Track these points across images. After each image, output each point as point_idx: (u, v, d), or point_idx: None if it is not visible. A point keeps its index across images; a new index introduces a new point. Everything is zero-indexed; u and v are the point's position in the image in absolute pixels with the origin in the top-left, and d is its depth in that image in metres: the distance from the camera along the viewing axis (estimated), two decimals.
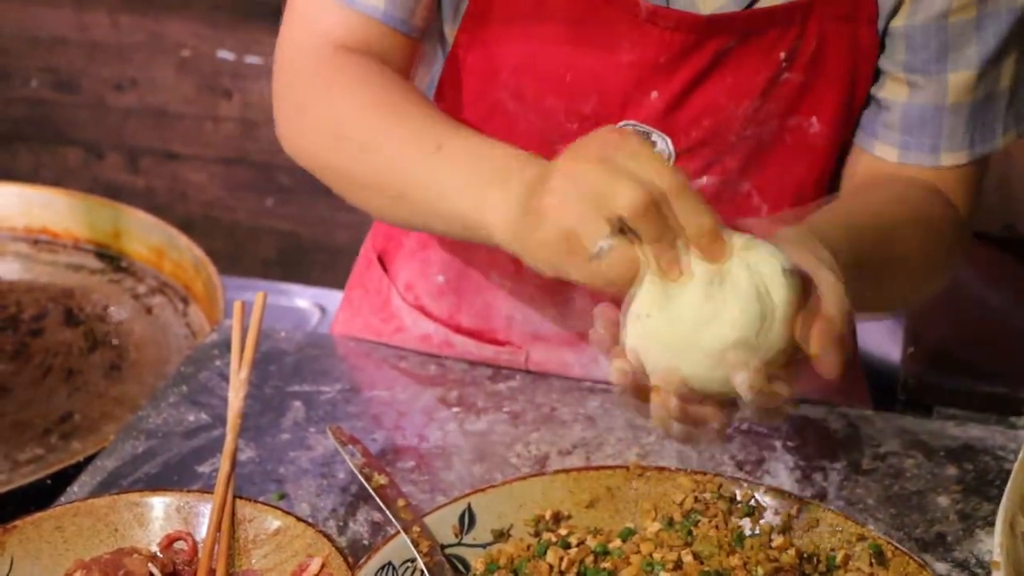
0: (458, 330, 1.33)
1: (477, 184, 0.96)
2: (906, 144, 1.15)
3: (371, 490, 0.95)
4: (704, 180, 1.16)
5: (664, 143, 1.13)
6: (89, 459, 1.20)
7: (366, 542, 1.05)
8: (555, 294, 1.27)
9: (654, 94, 1.13)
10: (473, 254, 1.28)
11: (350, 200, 1.14)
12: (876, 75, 1.16)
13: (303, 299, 2.19)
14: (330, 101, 1.11)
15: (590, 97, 1.12)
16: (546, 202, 0.88)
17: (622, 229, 0.84)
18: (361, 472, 0.97)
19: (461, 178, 0.98)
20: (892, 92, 1.15)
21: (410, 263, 1.35)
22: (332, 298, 2.19)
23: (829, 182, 1.21)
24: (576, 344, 1.30)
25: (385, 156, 1.06)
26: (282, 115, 1.17)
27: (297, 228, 3.00)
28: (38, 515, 0.98)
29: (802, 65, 1.12)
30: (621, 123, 1.11)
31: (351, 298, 1.45)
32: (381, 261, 1.39)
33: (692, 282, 0.83)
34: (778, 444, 1.20)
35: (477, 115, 1.18)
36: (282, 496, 1.11)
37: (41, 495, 1.20)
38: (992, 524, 1.07)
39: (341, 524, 1.08)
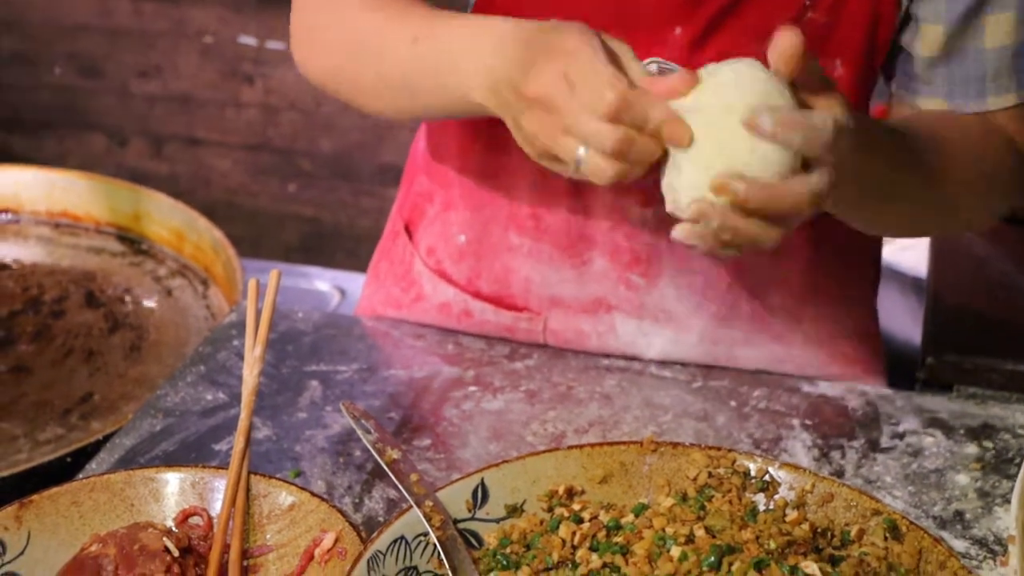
0: (477, 295, 1.33)
1: (473, 53, 1.02)
2: (951, 94, 1.15)
3: (384, 465, 0.95)
4: None
5: None
6: (108, 437, 1.21)
7: (381, 519, 1.05)
8: (573, 255, 1.27)
9: (678, 30, 1.13)
10: (493, 213, 1.28)
11: (362, 105, 1.19)
12: (904, 22, 1.16)
13: (323, 281, 2.19)
14: (340, 14, 1.16)
15: (614, 32, 1.12)
16: (526, 126, 0.95)
17: None
18: (374, 447, 0.97)
19: (460, 46, 1.04)
20: (930, 42, 1.15)
21: (432, 226, 1.35)
22: (352, 280, 2.19)
23: None
24: (594, 312, 1.30)
25: (390, 47, 1.11)
26: (298, 39, 1.22)
27: (319, 213, 3.01)
28: (55, 490, 0.98)
29: (825, 6, 1.13)
30: (647, 60, 1.11)
31: (376, 272, 1.45)
32: (407, 230, 1.39)
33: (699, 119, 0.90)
34: (796, 422, 1.20)
35: None
36: (298, 474, 1.11)
37: (61, 473, 1.21)
38: (1011, 502, 1.06)
39: (357, 501, 1.08)
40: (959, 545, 1.03)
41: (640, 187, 1.16)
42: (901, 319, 2.05)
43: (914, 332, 2.02)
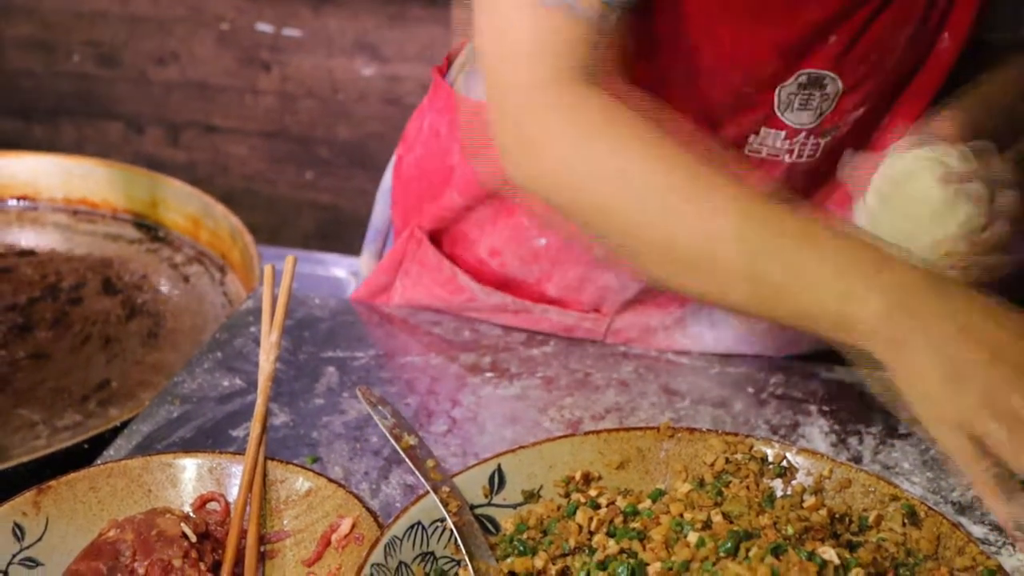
0: (541, 299, 1.30)
1: (846, 277, 0.87)
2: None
3: (400, 450, 0.95)
4: (860, 112, 1.16)
5: (835, 84, 1.12)
6: (125, 424, 1.21)
7: (398, 504, 1.05)
8: None
9: (832, 39, 1.10)
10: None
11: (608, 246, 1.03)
12: None
13: (340, 268, 2.19)
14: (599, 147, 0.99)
15: (770, 59, 1.10)
16: (971, 369, 0.83)
17: None
18: (391, 433, 0.97)
19: (826, 269, 0.88)
20: None
21: (495, 228, 1.29)
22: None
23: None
24: (666, 307, 1.28)
25: (703, 229, 0.93)
26: (509, 145, 1.04)
27: (337, 201, 3.00)
28: (72, 475, 0.98)
29: None
30: (797, 72, 1.10)
31: (407, 271, 1.38)
32: (434, 240, 1.36)
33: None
34: (813, 408, 1.19)
35: (649, 84, 1.06)
36: (315, 460, 1.11)
37: (79, 459, 1.22)
38: None
39: (374, 487, 1.08)
40: (978, 531, 1.02)
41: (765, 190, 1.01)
42: None
43: None
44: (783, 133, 1.15)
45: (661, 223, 0.94)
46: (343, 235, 3.02)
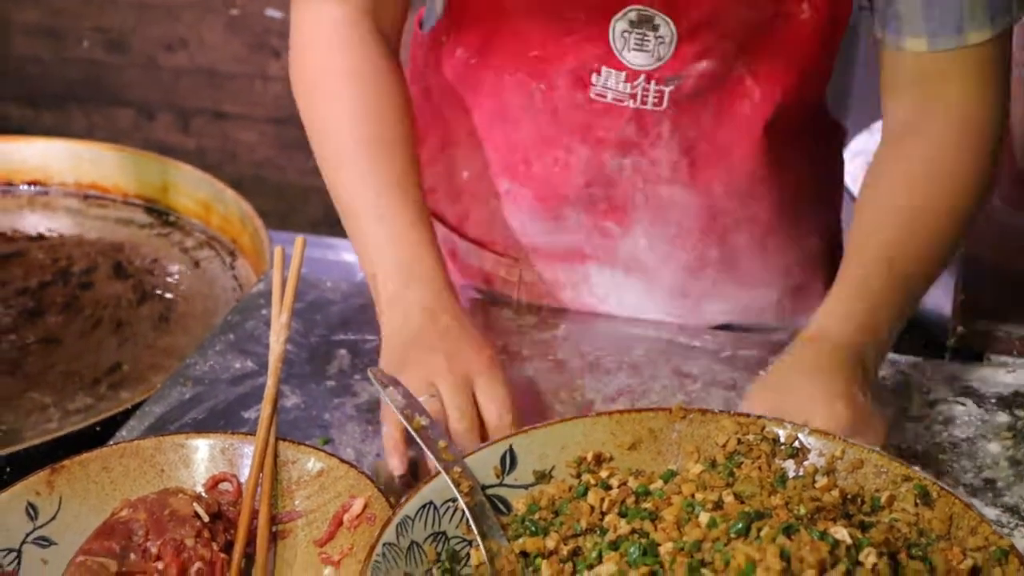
0: (464, 236, 1.37)
1: (387, 275, 1.14)
2: (932, 31, 1.15)
3: (412, 431, 0.95)
4: (703, 65, 1.18)
5: (668, 26, 1.15)
6: (137, 406, 1.21)
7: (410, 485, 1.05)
8: (549, 208, 1.29)
9: None
10: (492, 155, 1.31)
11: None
12: None
13: (349, 253, 2.18)
14: (327, 109, 1.22)
15: None
16: (409, 366, 1.06)
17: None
18: (402, 413, 0.97)
19: (378, 250, 1.16)
20: None
21: (435, 165, 1.36)
22: None
23: (821, 70, 1.25)
24: (569, 261, 1.33)
25: (344, 189, 1.21)
26: (291, 58, 1.27)
27: None
28: (85, 455, 0.99)
29: None
30: (625, 8, 1.15)
31: None
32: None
33: None
34: None
35: (479, 33, 1.24)
36: (327, 441, 1.11)
37: (91, 442, 1.22)
38: None
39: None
40: (990, 513, 1.02)
41: (618, 138, 1.22)
42: (932, 290, 2.04)
43: (943, 302, 2.01)
44: (623, 75, 1.19)
45: (332, 170, 1.22)
46: None
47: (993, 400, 1.17)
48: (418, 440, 0.94)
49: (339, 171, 1.20)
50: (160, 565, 0.92)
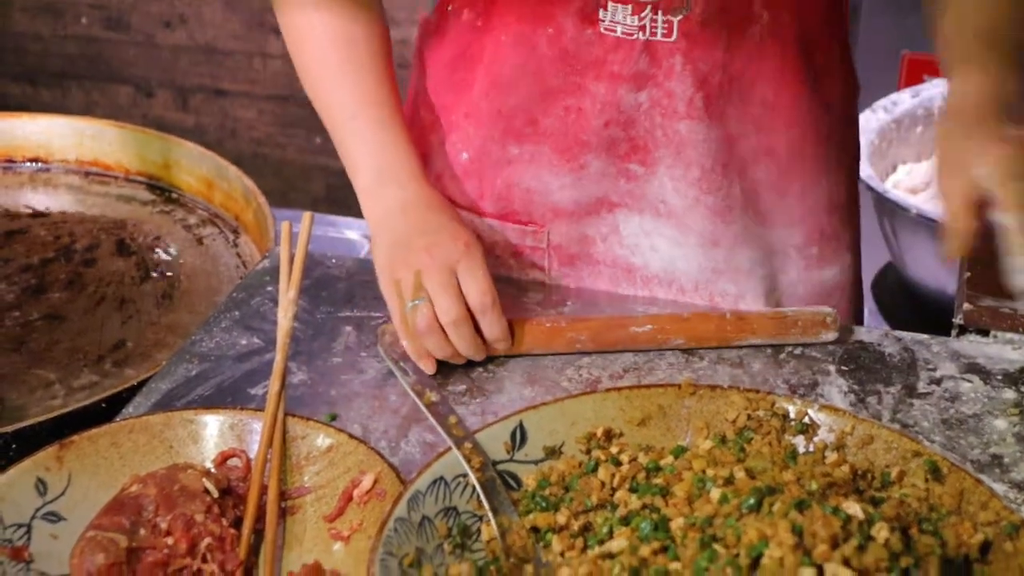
0: (482, 214, 1.36)
1: (366, 168, 1.26)
2: None
3: (422, 407, 0.95)
4: None
5: None
6: (143, 383, 1.21)
7: (418, 462, 1.05)
8: (570, 159, 1.29)
9: None
10: (491, 130, 1.31)
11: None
12: None
13: (352, 230, 2.19)
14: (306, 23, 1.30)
15: None
16: (397, 257, 1.18)
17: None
18: (413, 389, 0.97)
19: (359, 155, 1.27)
20: None
21: (439, 154, 1.37)
22: None
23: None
24: (596, 213, 1.32)
25: (321, 102, 1.31)
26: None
27: None
28: (94, 431, 0.99)
29: None
30: None
31: None
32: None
33: None
34: (832, 368, 1.19)
35: None
36: (334, 417, 1.11)
37: (97, 419, 1.22)
38: None
39: (393, 445, 1.08)
40: (998, 488, 1.02)
41: (632, 72, 1.23)
42: (933, 266, 2.04)
43: (947, 280, 2.01)
44: (629, 8, 1.20)
45: (316, 91, 1.32)
46: (352, 200, 3.01)
47: (999, 377, 1.17)
48: (429, 416, 0.94)
49: (317, 87, 1.31)
50: (170, 540, 0.92)
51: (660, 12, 1.20)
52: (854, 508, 0.80)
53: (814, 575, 0.75)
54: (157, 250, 1.70)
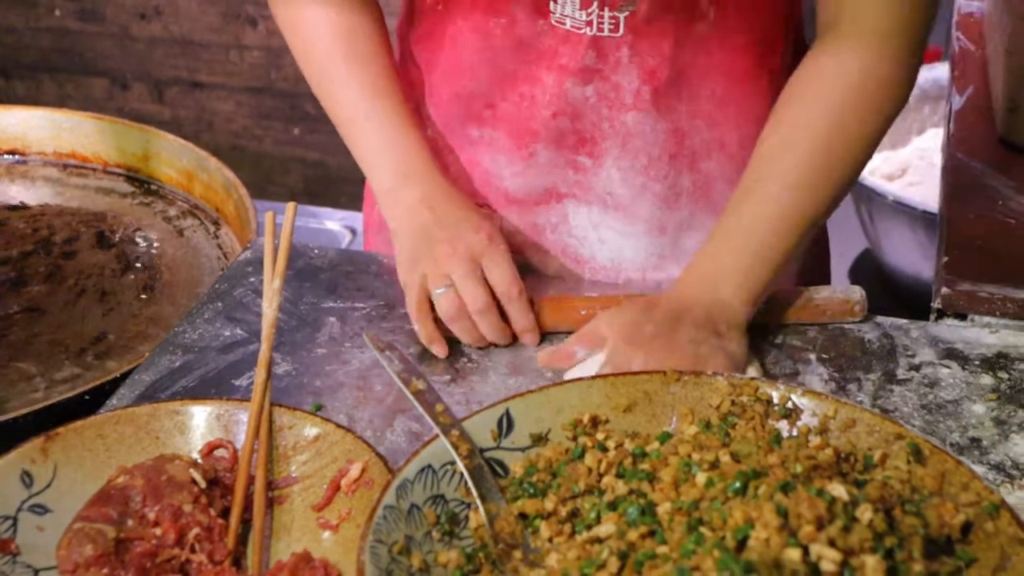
0: None
1: (382, 175, 1.28)
2: None
3: (409, 395, 0.95)
4: None
5: None
6: (126, 376, 1.21)
7: (404, 451, 1.05)
8: (521, 146, 1.31)
9: None
10: (456, 108, 1.33)
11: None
12: None
13: (333, 221, 2.19)
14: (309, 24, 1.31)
15: None
16: (419, 251, 1.21)
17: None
18: (399, 377, 0.97)
19: (375, 154, 1.29)
20: None
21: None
22: (362, 221, 2.19)
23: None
24: (546, 202, 1.35)
25: (330, 98, 1.31)
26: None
27: (324, 157, 2.99)
28: (80, 423, 0.99)
29: None
30: None
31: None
32: None
33: None
34: (812, 356, 1.20)
35: None
36: (319, 408, 1.12)
37: (79, 412, 1.22)
38: None
39: (378, 434, 1.08)
40: (977, 470, 1.03)
41: (579, 66, 1.25)
42: (910, 253, 2.06)
43: (922, 266, 2.03)
44: (577, 2, 1.21)
45: (323, 87, 1.32)
46: (330, 191, 3.01)
47: (977, 362, 1.19)
48: (416, 404, 0.94)
49: (323, 82, 1.31)
50: (158, 531, 0.92)
51: (607, 8, 1.21)
52: (839, 490, 0.81)
53: (800, 556, 0.76)
54: (137, 242, 1.70)
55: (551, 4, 1.22)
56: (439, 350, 1.19)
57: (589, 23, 1.22)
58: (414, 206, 1.24)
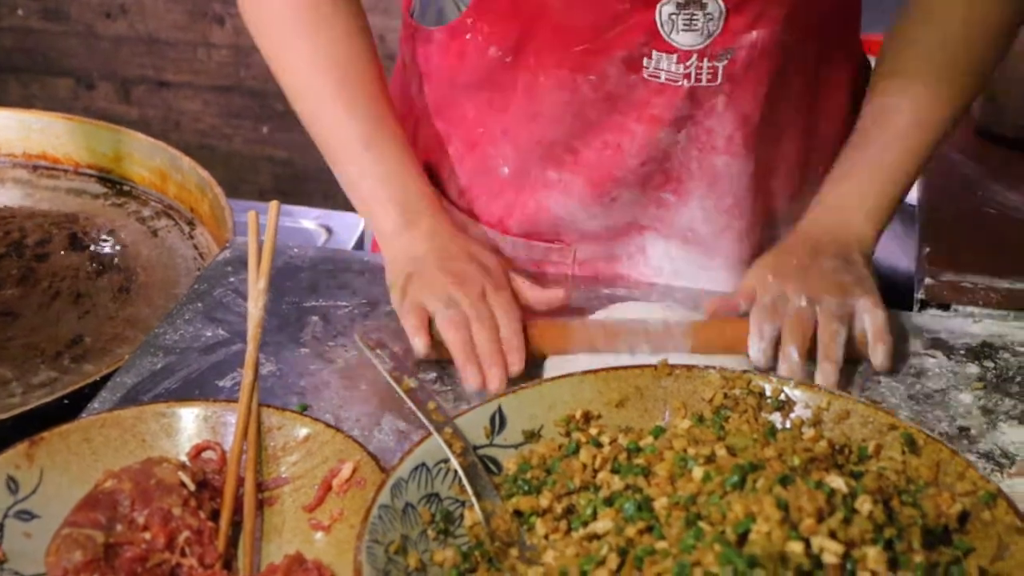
0: (507, 232, 1.34)
1: (384, 211, 1.22)
2: None
3: (402, 393, 0.94)
4: (754, 35, 1.18)
5: (716, 3, 1.15)
6: (106, 379, 1.19)
7: (392, 450, 1.04)
8: (603, 193, 1.28)
9: None
10: (531, 147, 1.28)
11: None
12: None
13: (308, 220, 2.17)
14: (290, 54, 1.26)
15: None
16: (420, 289, 1.16)
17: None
18: (391, 375, 0.96)
19: (378, 188, 1.23)
20: None
21: (465, 163, 1.33)
22: (337, 219, 2.17)
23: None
24: (626, 234, 1.32)
25: (322, 126, 1.25)
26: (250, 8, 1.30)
27: (293, 155, 2.98)
28: (65, 427, 0.97)
29: None
30: None
31: None
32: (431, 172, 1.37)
33: None
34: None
35: (515, 29, 1.21)
36: (305, 408, 1.10)
37: (58, 416, 1.20)
38: (1014, 418, 1.08)
39: (366, 433, 1.07)
40: None
41: (673, 116, 1.21)
42: (888, 245, 2.07)
43: (902, 258, 2.03)
44: (674, 56, 1.18)
45: (308, 116, 1.27)
46: (301, 190, 3.00)
47: (962, 352, 1.19)
48: (408, 402, 0.94)
49: (316, 118, 1.25)
50: (148, 535, 0.90)
51: (706, 59, 1.18)
52: (837, 482, 0.81)
53: (802, 549, 0.76)
54: (111, 244, 1.68)
55: (644, 60, 1.18)
56: (422, 345, 1.13)
57: (687, 76, 1.19)
58: (416, 243, 1.20)
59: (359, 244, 2.14)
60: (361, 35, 1.26)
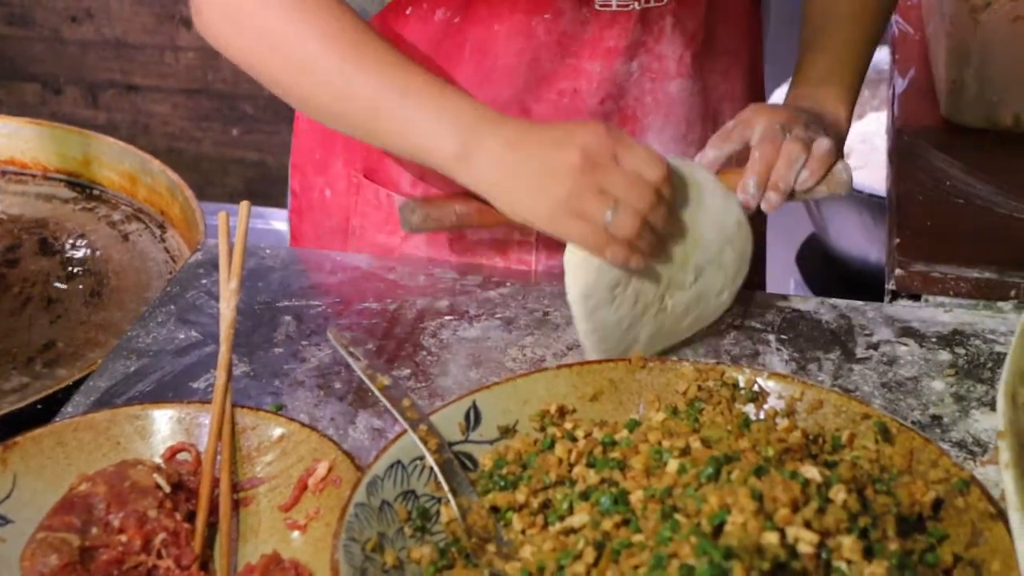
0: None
1: (454, 133, 1.11)
2: None
3: (376, 391, 0.94)
4: None
5: None
6: (79, 383, 1.19)
7: (368, 448, 1.04)
8: None
9: None
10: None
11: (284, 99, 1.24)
12: None
13: (279, 221, 2.17)
14: (283, 22, 1.16)
15: None
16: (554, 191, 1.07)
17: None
18: (365, 373, 0.96)
19: (433, 124, 1.12)
20: None
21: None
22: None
23: None
24: None
25: (339, 91, 1.15)
26: (213, 9, 1.21)
27: (263, 157, 2.97)
28: (38, 431, 0.97)
29: None
30: None
31: (351, 230, 1.40)
32: (367, 177, 1.36)
33: None
34: (771, 338, 1.21)
35: None
36: (279, 408, 1.10)
37: (32, 421, 1.19)
38: (986, 405, 1.08)
39: (341, 432, 1.07)
40: None
41: (626, 43, 1.24)
42: (857, 236, 2.08)
43: (870, 249, 2.05)
44: None
45: (320, 74, 1.16)
46: (271, 192, 2.98)
47: (934, 340, 1.20)
48: (382, 400, 0.94)
49: (329, 85, 1.16)
50: (123, 538, 0.90)
51: None
52: (812, 472, 0.81)
53: (777, 539, 0.76)
54: (82, 248, 1.67)
55: None
56: (637, 261, 1.08)
57: None
58: (498, 151, 1.10)
59: None
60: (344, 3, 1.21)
